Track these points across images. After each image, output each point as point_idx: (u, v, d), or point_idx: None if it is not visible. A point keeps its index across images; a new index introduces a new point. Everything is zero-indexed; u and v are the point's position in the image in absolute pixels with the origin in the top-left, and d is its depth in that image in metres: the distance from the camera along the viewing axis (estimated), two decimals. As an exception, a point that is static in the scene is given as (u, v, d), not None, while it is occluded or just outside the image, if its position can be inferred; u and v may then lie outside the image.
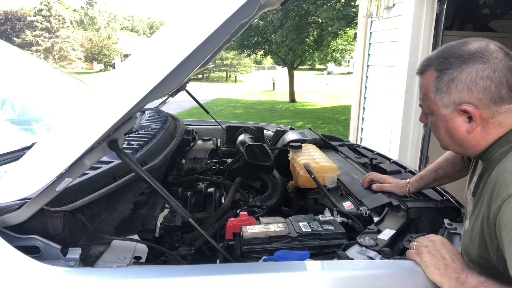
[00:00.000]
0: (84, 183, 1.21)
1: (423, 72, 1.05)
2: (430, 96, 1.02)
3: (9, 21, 37.80)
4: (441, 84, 0.99)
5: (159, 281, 0.90)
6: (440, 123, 1.03)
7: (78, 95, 2.23)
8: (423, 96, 1.06)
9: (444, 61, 0.99)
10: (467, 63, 0.96)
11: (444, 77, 0.98)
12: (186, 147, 2.42)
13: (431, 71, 1.02)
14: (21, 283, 0.87)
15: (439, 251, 0.99)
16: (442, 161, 1.46)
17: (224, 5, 0.79)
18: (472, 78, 0.95)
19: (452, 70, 0.97)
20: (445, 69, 0.98)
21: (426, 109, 1.07)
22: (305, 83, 26.85)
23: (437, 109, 1.02)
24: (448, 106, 0.99)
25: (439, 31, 3.38)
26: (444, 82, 0.98)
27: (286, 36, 14.32)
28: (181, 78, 1.13)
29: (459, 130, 1.00)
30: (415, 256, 1.01)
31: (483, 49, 0.98)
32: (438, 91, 1.00)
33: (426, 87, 1.03)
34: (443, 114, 1.01)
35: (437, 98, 1.00)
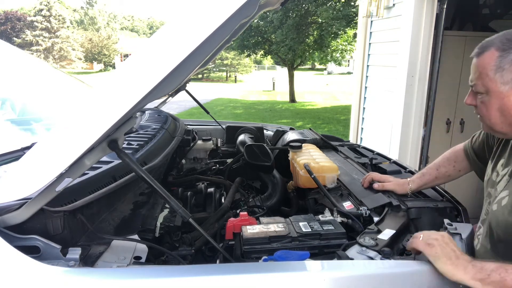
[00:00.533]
0: (84, 183, 1.21)
1: (482, 52, 1.10)
2: (489, 74, 1.08)
3: (9, 21, 37.79)
4: (503, 62, 1.05)
5: (159, 281, 0.90)
6: (495, 101, 1.09)
7: (78, 95, 2.23)
8: (479, 75, 1.11)
9: (508, 42, 1.06)
10: None
11: (508, 55, 1.05)
12: (186, 147, 2.42)
13: (493, 51, 1.08)
14: (21, 283, 0.87)
15: (448, 244, 1.00)
16: (444, 160, 1.51)
17: (224, 5, 0.79)
18: None
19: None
20: (508, 48, 1.05)
21: (481, 88, 1.11)
22: (305, 83, 26.85)
23: (494, 86, 1.08)
24: (507, 84, 1.06)
25: (439, 31, 3.38)
26: (508, 60, 1.05)
27: (286, 35, 14.32)
28: (181, 78, 1.13)
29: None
30: (425, 247, 1.00)
31: None
32: (499, 69, 1.06)
33: (485, 66, 1.09)
34: (500, 91, 1.07)
35: (497, 75, 1.07)
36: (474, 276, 0.92)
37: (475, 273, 0.92)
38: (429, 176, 1.51)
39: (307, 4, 13.86)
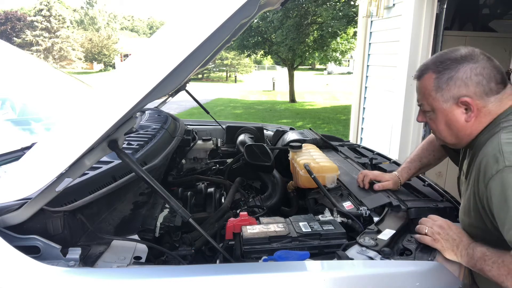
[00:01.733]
0: (84, 183, 1.21)
1: (421, 76, 1.23)
2: (431, 94, 1.19)
3: (9, 21, 37.77)
4: (441, 83, 1.17)
5: (159, 281, 0.90)
6: (441, 117, 1.21)
7: (78, 95, 2.23)
8: (423, 96, 1.23)
9: (441, 64, 1.18)
10: (462, 63, 1.15)
11: (443, 76, 1.17)
12: (186, 147, 2.42)
13: (430, 74, 1.20)
14: (21, 283, 0.87)
15: (449, 234, 1.14)
16: (424, 151, 1.64)
17: (224, 5, 0.79)
18: (467, 75, 1.14)
19: (449, 70, 1.16)
20: (442, 70, 1.17)
21: (427, 107, 1.23)
22: (305, 83, 26.83)
23: (438, 104, 1.19)
24: (448, 101, 1.17)
25: (439, 31, 3.38)
26: (444, 80, 1.16)
27: (286, 35, 14.31)
28: (181, 78, 1.13)
29: (458, 121, 1.18)
30: (433, 243, 1.14)
31: (471, 53, 1.17)
32: (438, 89, 1.18)
33: (426, 87, 1.21)
34: (443, 108, 1.19)
35: (437, 95, 1.18)
36: (467, 263, 1.09)
37: (467, 261, 1.09)
38: (414, 169, 1.63)
39: (307, 4, 13.86)
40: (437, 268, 1.05)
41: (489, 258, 1.03)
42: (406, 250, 1.15)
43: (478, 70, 1.14)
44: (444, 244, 1.13)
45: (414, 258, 1.11)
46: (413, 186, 1.65)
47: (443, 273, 1.04)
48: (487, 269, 1.03)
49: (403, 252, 1.15)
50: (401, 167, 1.65)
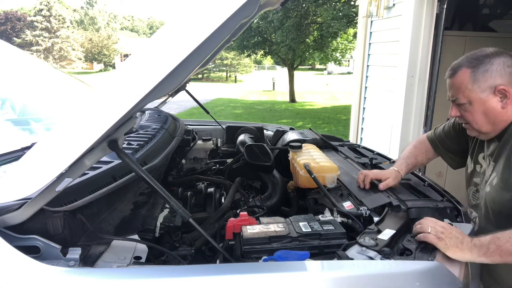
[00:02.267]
0: (84, 183, 1.21)
1: (455, 73, 1.37)
2: (468, 86, 1.33)
3: (9, 21, 37.76)
4: (477, 75, 1.31)
5: (159, 281, 0.90)
6: (478, 107, 1.34)
7: (78, 95, 2.23)
8: (458, 90, 1.36)
9: (474, 60, 1.33)
10: (494, 58, 1.31)
11: (478, 70, 1.31)
12: (186, 147, 2.42)
13: (464, 69, 1.34)
14: (21, 283, 0.87)
15: (452, 233, 1.16)
16: (417, 150, 1.76)
17: (224, 5, 0.79)
18: (500, 67, 1.30)
19: (484, 64, 1.31)
20: (477, 65, 1.32)
21: (463, 100, 1.36)
22: (305, 83, 26.83)
23: (475, 95, 1.33)
24: (485, 91, 1.32)
25: (439, 31, 3.38)
26: (480, 72, 1.31)
27: (286, 36, 14.31)
28: (181, 78, 1.13)
29: (496, 108, 1.33)
30: (437, 241, 1.14)
31: (498, 50, 1.34)
32: (475, 81, 1.32)
33: (462, 81, 1.34)
34: (481, 97, 1.33)
35: (475, 86, 1.32)
36: (479, 253, 1.10)
37: (478, 251, 1.10)
38: (411, 165, 1.72)
39: (307, 4, 13.85)
40: (437, 268, 1.05)
41: (502, 234, 1.09)
42: (406, 250, 1.15)
43: (509, 63, 1.30)
44: (448, 242, 1.14)
45: (414, 258, 1.11)
46: (413, 186, 1.65)
47: (443, 273, 1.04)
48: (503, 243, 1.07)
49: (403, 252, 1.15)
50: (399, 163, 1.71)
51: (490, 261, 1.10)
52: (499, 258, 1.08)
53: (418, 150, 1.76)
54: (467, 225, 1.32)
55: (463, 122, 1.45)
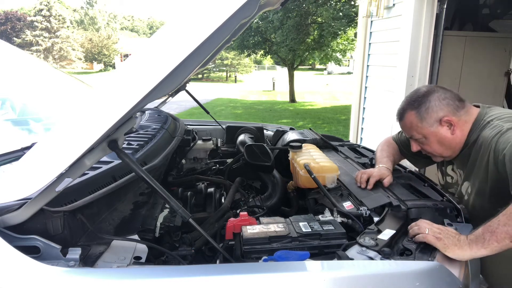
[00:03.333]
0: (84, 183, 1.21)
1: (402, 117, 1.57)
2: (418, 124, 1.52)
3: (9, 21, 37.76)
4: (422, 114, 1.51)
5: (159, 281, 0.90)
6: (432, 138, 1.53)
7: (78, 95, 2.23)
8: (411, 129, 1.56)
9: (414, 103, 1.53)
10: (429, 95, 1.51)
11: (421, 109, 1.51)
12: (186, 147, 2.42)
13: (409, 112, 1.54)
14: (21, 283, 0.87)
15: (448, 233, 1.19)
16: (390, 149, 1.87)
17: (224, 5, 0.79)
18: (438, 102, 1.50)
19: (424, 103, 1.51)
20: (418, 105, 1.51)
21: (418, 136, 1.55)
22: (305, 83, 26.81)
23: (427, 130, 1.52)
24: (433, 125, 1.51)
25: (439, 31, 3.38)
26: (423, 111, 1.51)
27: (286, 36, 14.30)
28: (181, 78, 1.13)
29: (447, 136, 1.51)
30: (436, 241, 1.16)
31: (431, 87, 1.56)
32: (422, 119, 1.51)
33: (411, 122, 1.54)
34: (432, 131, 1.51)
35: (424, 123, 1.51)
36: (477, 246, 1.12)
37: (476, 244, 1.12)
38: (393, 163, 1.80)
39: (308, 4, 13.84)
40: (437, 268, 1.05)
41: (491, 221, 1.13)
42: (406, 250, 1.15)
43: (442, 96, 1.50)
44: (446, 241, 1.15)
45: (414, 258, 1.11)
46: (413, 186, 1.65)
47: (443, 273, 1.04)
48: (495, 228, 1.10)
49: (403, 252, 1.15)
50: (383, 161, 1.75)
51: (489, 251, 1.11)
52: (497, 244, 1.10)
53: (392, 149, 1.87)
54: (467, 225, 1.32)
55: (426, 153, 1.61)
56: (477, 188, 1.49)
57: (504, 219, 1.11)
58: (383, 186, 1.59)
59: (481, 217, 1.32)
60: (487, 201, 1.45)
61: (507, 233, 1.09)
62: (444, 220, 1.31)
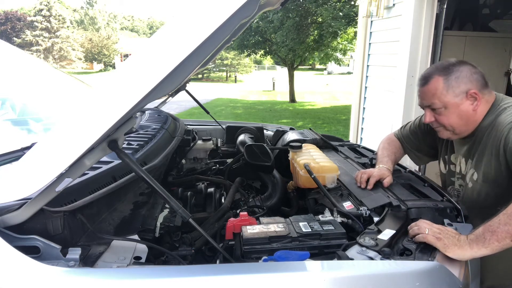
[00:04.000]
0: (84, 183, 1.21)
1: (427, 81, 1.50)
2: (443, 92, 1.46)
3: (9, 21, 37.77)
4: (450, 81, 1.46)
5: (159, 281, 0.90)
6: (453, 110, 1.48)
7: (78, 95, 2.23)
8: (433, 96, 1.48)
9: (444, 69, 1.48)
10: (461, 66, 1.48)
11: (450, 77, 1.46)
12: (186, 147, 2.42)
13: (437, 77, 1.48)
14: (21, 283, 0.87)
15: (447, 233, 1.18)
16: (392, 147, 1.86)
17: (224, 5, 0.79)
18: (469, 74, 1.46)
19: (454, 72, 1.46)
20: (448, 73, 1.46)
21: (438, 105, 1.48)
22: (305, 83, 26.80)
23: (450, 100, 1.46)
24: (458, 95, 1.46)
25: (439, 31, 3.38)
26: (452, 79, 1.46)
27: (286, 36, 14.30)
28: (181, 78, 1.13)
29: (468, 111, 1.47)
30: (436, 241, 1.15)
31: (461, 60, 1.51)
32: (449, 87, 1.46)
33: (437, 88, 1.47)
34: (455, 102, 1.46)
35: (449, 91, 1.46)
36: (478, 246, 1.12)
37: (477, 244, 1.12)
38: (393, 162, 1.79)
39: (307, 4, 13.84)
40: (437, 268, 1.05)
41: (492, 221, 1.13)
42: (406, 250, 1.15)
43: (473, 70, 1.47)
44: (446, 241, 1.15)
45: (414, 258, 1.11)
46: (413, 186, 1.65)
47: (443, 273, 1.04)
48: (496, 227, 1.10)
49: (403, 252, 1.15)
50: (384, 161, 1.75)
51: (490, 250, 1.11)
52: (497, 243, 1.10)
53: (393, 147, 1.86)
54: (467, 225, 1.32)
55: (437, 126, 1.56)
56: (484, 175, 1.47)
57: (505, 218, 1.11)
58: (383, 186, 1.59)
59: (486, 206, 1.38)
60: (492, 189, 1.45)
61: (507, 232, 1.09)
62: (444, 220, 1.31)
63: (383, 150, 1.84)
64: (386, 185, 1.59)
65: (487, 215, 1.35)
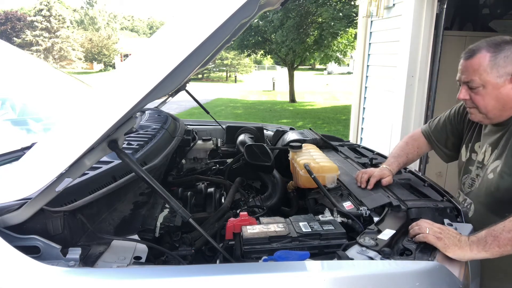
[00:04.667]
0: (84, 183, 1.21)
1: (473, 55, 1.36)
2: (487, 69, 1.34)
3: (9, 21, 37.78)
4: (497, 60, 1.32)
5: (159, 281, 0.90)
6: (492, 91, 1.36)
7: (78, 95, 2.23)
8: (475, 72, 1.36)
9: (495, 45, 1.34)
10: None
11: (499, 55, 1.32)
12: (186, 147, 2.42)
13: (484, 53, 1.34)
14: (21, 283, 0.87)
15: (449, 233, 1.17)
16: (409, 147, 1.78)
17: (224, 5, 0.79)
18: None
19: (505, 50, 1.32)
20: (497, 50, 1.33)
21: (478, 83, 1.36)
22: (305, 83, 26.81)
23: (491, 79, 1.34)
24: (502, 76, 1.33)
25: (439, 31, 3.38)
26: (500, 58, 1.32)
27: (286, 36, 14.30)
28: (181, 78, 1.13)
29: (509, 95, 1.35)
30: (436, 241, 1.14)
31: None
32: (494, 65, 1.33)
33: (481, 64, 1.34)
34: (497, 82, 1.34)
35: (493, 70, 1.33)
36: (478, 248, 1.11)
37: (477, 246, 1.11)
38: (402, 165, 1.74)
39: (308, 4, 13.85)
40: (437, 268, 1.05)
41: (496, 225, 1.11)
42: (406, 250, 1.15)
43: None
44: (447, 241, 1.14)
45: (414, 258, 1.11)
46: (413, 186, 1.65)
47: (443, 273, 1.04)
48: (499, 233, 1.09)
49: (403, 252, 1.15)
50: (390, 161, 1.72)
51: (490, 254, 1.11)
52: (498, 249, 1.09)
53: (410, 147, 1.78)
54: (467, 225, 1.32)
55: (470, 106, 1.45)
56: (508, 168, 1.38)
57: (510, 225, 1.10)
58: (382, 186, 1.59)
59: (505, 200, 1.34)
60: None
61: (510, 239, 1.08)
62: (444, 220, 1.31)
63: (397, 149, 1.79)
64: (384, 184, 1.59)
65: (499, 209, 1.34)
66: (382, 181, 1.60)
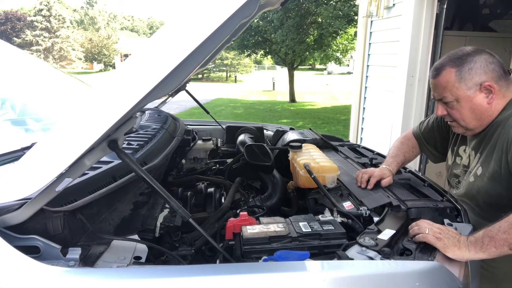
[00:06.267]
0: (84, 183, 1.21)
1: (439, 73, 1.41)
2: (455, 85, 1.37)
3: (9, 21, 37.79)
4: (463, 74, 1.36)
5: (159, 281, 0.90)
6: (465, 104, 1.39)
7: (78, 95, 2.23)
8: (445, 89, 1.40)
9: (456, 60, 1.38)
10: (476, 56, 1.36)
11: (463, 69, 1.36)
12: (186, 147, 2.42)
13: (449, 69, 1.38)
14: (21, 283, 0.87)
15: (448, 233, 1.17)
16: (405, 146, 1.81)
17: (224, 5, 0.79)
18: (484, 64, 1.36)
19: (468, 63, 1.36)
20: (461, 64, 1.36)
21: (450, 98, 1.40)
22: (305, 83, 26.81)
23: (462, 93, 1.38)
24: (471, 88, 1.37)
25: (439, 31, 3.38)
26: (465, 71, 1.36)
27: (286, 36, 14.30)
28: (181, 78, 1.13)
29: (482, 104, 1.38)
30: (436, 241, 1.14)
31: (477, 48, 1.40)
32: (461, 79, 1.36)
33: (448, 80, 1.39)
34: (468, 95, 1.38)
35: (461, 84, 1.37)
36: (476, 249, 1.12)
37: (475, 247, 1.12)
38: (400, 164, 1.75)
39: (308, 4, 13.85)
40: (437, 268, 1.05)
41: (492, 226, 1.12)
42: (406, 250, 1.15)
43: (490, 60, 1.36)
44: (446, 242, 1.14)
45: (414, 258, 1.11)
46: (413, 186, 1.65)
47: (443, 273, 1.04)
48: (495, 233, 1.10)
49: (403, 252, 1.15)
50: (388, 162, 1.73)
51: (487, 255, 1.11)
52: (495, 249, 1.10)
53: (406, 146, 1.80)
54: (467, 225, 1.32)
55: (450, 120, 1.50)
56: (488, 172, 1.40)
57: (506, 226, 1.10)
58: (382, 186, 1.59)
59: (499, 205, 1.35)
60: (503, 188, 1.37)
61: (506, 240, 1.08)
62: (444, 220, 1.31)
63: (393, 149, 1.81)
64: (384, 185, 1.59)
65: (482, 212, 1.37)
66: (382, 181, 1.60)
